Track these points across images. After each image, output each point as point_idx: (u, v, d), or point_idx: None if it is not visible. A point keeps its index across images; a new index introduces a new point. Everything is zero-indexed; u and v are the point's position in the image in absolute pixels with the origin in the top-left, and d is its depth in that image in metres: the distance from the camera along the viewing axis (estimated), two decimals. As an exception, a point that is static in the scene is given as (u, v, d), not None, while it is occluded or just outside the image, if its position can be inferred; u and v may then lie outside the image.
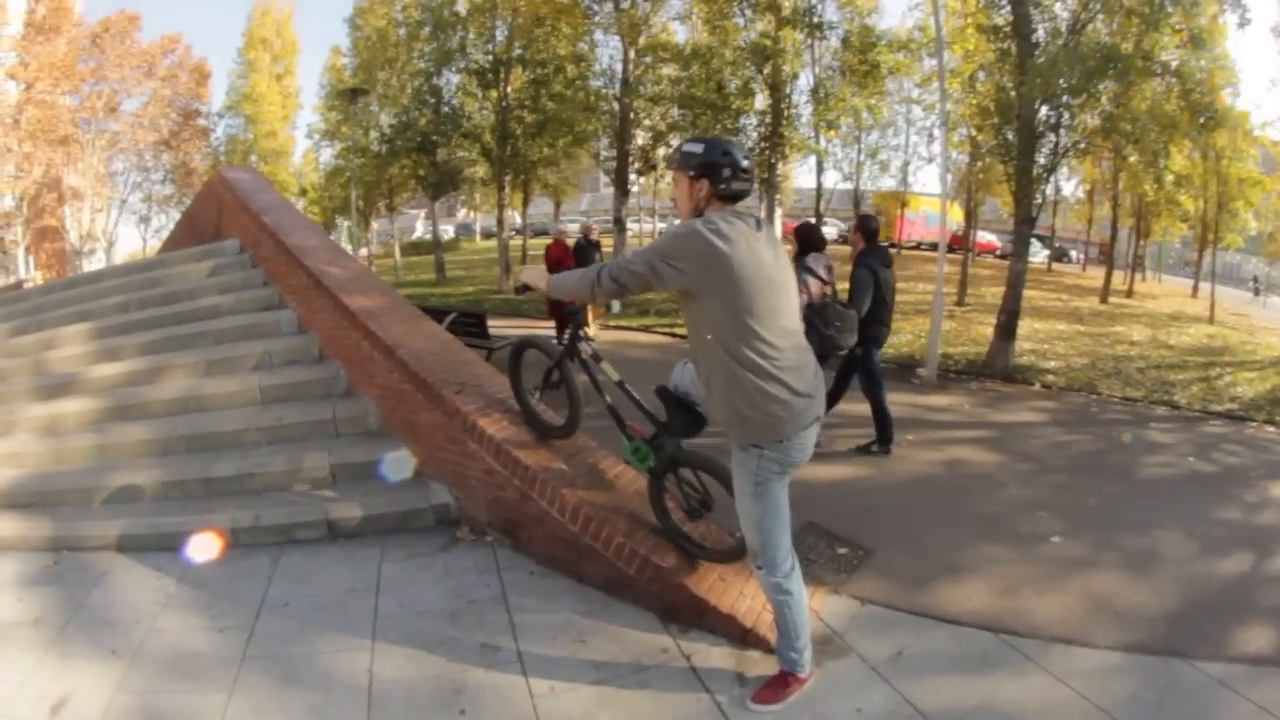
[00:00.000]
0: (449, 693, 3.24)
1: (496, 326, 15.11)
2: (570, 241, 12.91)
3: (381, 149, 27.96)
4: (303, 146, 44.44)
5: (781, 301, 2.85)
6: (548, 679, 3.32)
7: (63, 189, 33.81)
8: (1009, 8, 12.11)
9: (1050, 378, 11.28)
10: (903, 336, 13.61)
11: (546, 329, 12.36)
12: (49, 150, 30.82)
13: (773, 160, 18.58)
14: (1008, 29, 12.35)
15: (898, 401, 7.95)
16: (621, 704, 3.16)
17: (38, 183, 31.33)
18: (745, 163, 2.87)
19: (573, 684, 3.29)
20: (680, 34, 23.46)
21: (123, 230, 38.91)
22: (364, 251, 40.69)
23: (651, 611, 3.83)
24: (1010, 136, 12.29)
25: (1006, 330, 11.78)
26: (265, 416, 5.86)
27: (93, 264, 33.20)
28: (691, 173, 2.86)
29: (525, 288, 3.90)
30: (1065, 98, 11.51)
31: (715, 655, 3.53)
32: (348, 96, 26.48)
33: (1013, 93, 12.25)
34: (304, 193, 40.88)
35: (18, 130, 30.28)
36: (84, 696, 3.24)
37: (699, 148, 2.89)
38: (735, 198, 2.91)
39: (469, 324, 11.11)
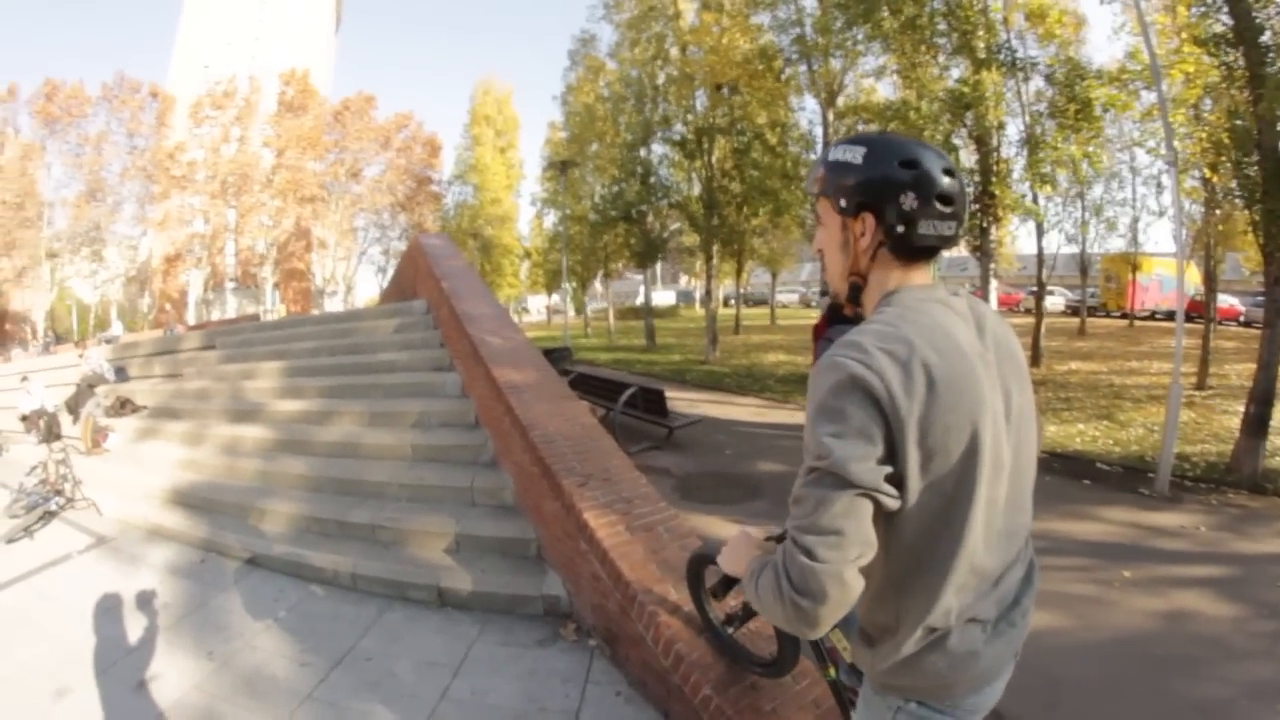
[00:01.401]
0: None
1: (691, 400, 15.12)
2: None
3: (594, 218, 28.85)
4: (527, 213, 47.51)
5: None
6: None
7: (311, 238, 39.60)
8: (1225, 10, 10.02)
9: None
10: (1132, 432, 11.70)
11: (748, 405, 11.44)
12: (297, 206, 36.80)
13: (985, 224, 16.41)
14: (1229, 36, 10.22)
15: (1118, 520, 7.08)
16: None
17: (287, 232, 37.31)
18: (947, 181, 1.47)
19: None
20: (886, 91, 21.49)
21: (362, 277, 43.51)
22: (588, 313, 42.68)
23: None
24: (1251, 172, 9.96)
25: (1257, 424, 9.45)
26: (410, 474, 6.02)
27: (333, 304, 39.18)
28: (843, 202, 1.53)
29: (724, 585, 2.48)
30: None
31: None
32: (558, 168, 27.79)
33: (1248, 116, 10.02)
34: (528, 255, 43.54)
35: (270, 189, 36.49)
36: (166, 681, 3.71)
37: (857, 153, 1.51)
38: (927, 253, 1.54)
39: (648, 400, 11.04)
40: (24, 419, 8.82)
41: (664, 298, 58.87)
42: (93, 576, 5.02)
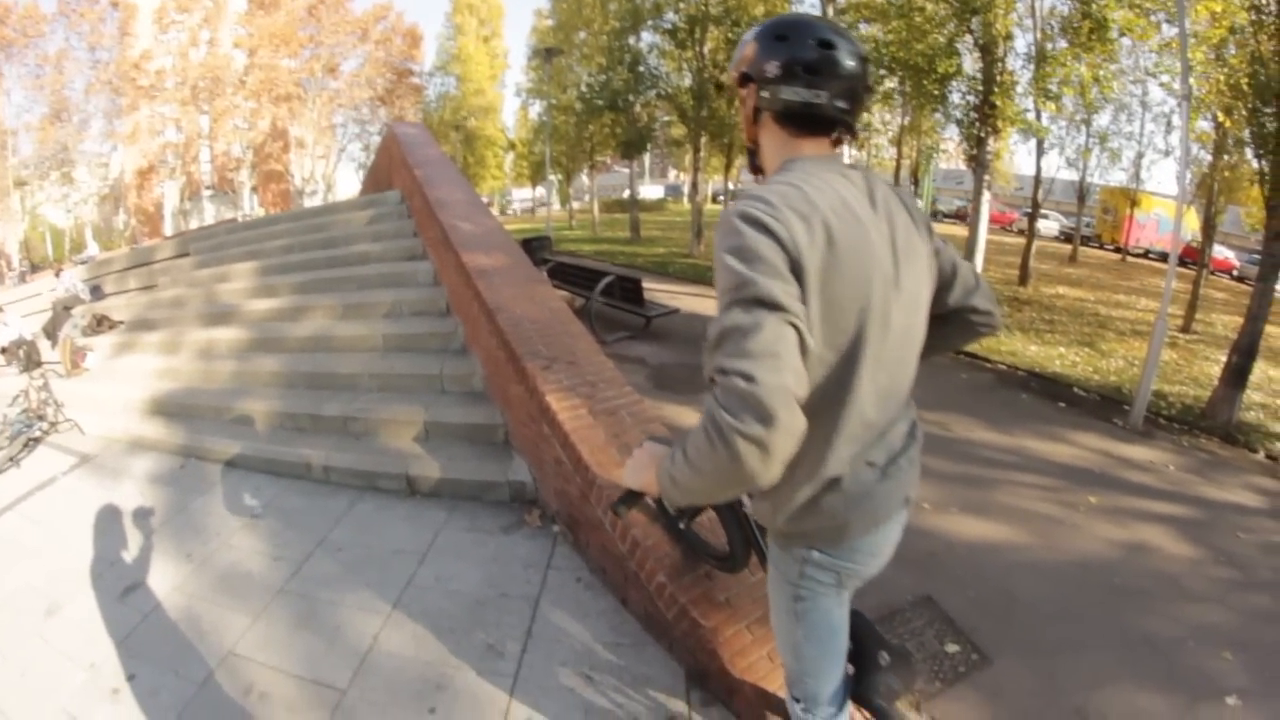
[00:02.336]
0: (431, 686, 3.02)
1: (672, 292, 14.84)
2: None
3: (579, 107, 27.96)
4: (512, 104, 46.27)
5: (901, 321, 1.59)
6: (531, 707, 2.91)
7: (288, 138, 38.16)
8: None
9: (1279, 446, 8.88)
10: (1113, 362, 11.70)
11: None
12: (272, 106, 35.29)
13: (982, 134, 15.74)
14: None
15: (1089, 447, 7.05)
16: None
17: (264, 134, 35.92)
18: (817, 54, 1.51)
19: (552, 724, 2.87)
20: None
21: (342, 175, 42.19)
22: (574, 205, 41.89)
23: (681, 667, 3.14)
24: (1268, 122, 9.61)
25: (1237, 375, 9.48)
26: (381, 364, 5.92)
27: (314, 203, 37.72)
28: (736, 76, 1.65)
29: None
30: None
31: (728, 750, 2.81)
32: (543, 56, 26.87)
33: (1273, 65, 9.59)
34: (512, 147, 42.51)
35: (243, 90, 35.03)
36: (149, 587, 3.74)
37: (750, 34, 1.63)
38: (808, 121, 1.57)
39: (625, 290, 10.85)
40: (3, 351, 8.67)
41: (652, 192, 57.71)
42: (78, 496, 5.01)
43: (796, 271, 1.35)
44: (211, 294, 8.15)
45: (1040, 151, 18.64)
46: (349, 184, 42.59)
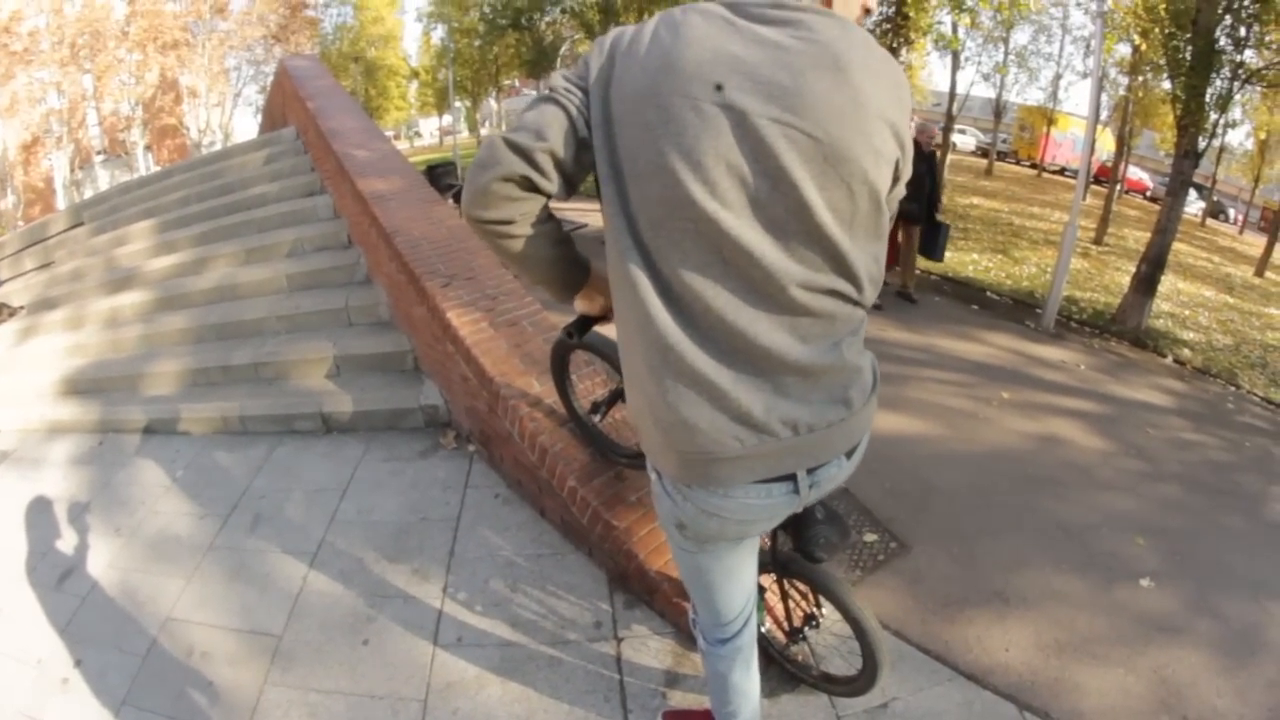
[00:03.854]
0: (362, 619, 3.02)
1: (581, 210, 14.55)
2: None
3: (482, 29, 27.15)
4: (414, 30, 44.36)
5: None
6: (460, 628, 2.93)
7: (179, 89, 35.89)
8: None
9: (1186, 352, 9.16)
10: (1025, 269, 11.96)
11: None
12: (159, 56, 32.93)
13: (894, 45, 15.25)
14: None
15: (1001, 346, 7.13)
16: (521, 677, 2.70)
17: (153, 87, 33.57)
18: None
19: (481, 643, 2.87)
20: None
21: (240, 121, 40.17)
22: (483, 131, 40.63)
23: (602, 571, 3.18)
24: (1182, 47, 9.76)
25: (1146, 283, 9.72)
26: (286, 305, 5.70)
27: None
28: None
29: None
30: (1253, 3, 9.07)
31: (650, 647, 2.82)
32: (444, -25, 25.74)
33: None
34: (415, 75, 40.94)
35: (127, 42, 32.45)
36: (83, 569, 3.66)
37: None
38: None
39: None
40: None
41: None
42: (1, 494, 4.78)
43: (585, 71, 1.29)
44: (111, 260, 7.74)
45: (956, 66, 18.31)
46: (248, 129, 40.67)
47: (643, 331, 1.27)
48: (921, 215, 8.11)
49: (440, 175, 13.81)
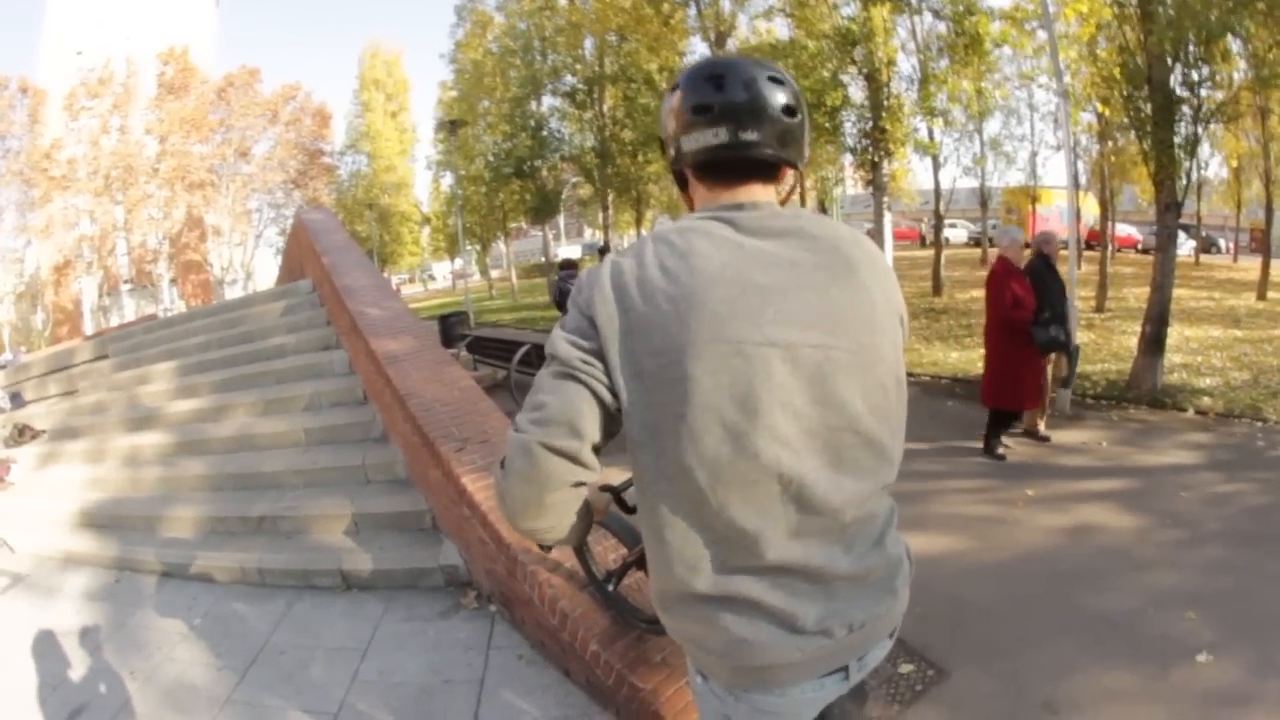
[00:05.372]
0: None
1: None
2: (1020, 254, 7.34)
3: (487, 176, 27.92)
4: (424, 177, 45.72)
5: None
6: None
7: (204, 227, 37.11)
8: None
9: (1205, 400, 8.67)
10: None
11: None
12: (186, 194, 34.23)
13: (875, 159, 15.71)
14: None
15: (1021, 442, 6.91)
16: None
17: (179, 223, 34.76)
18: (703, 92, 1.27)
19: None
20: (783, 33, 18.60)
21: (262, 262, 41.11)
22: (494, 274, 41.43)
23: None
24: (1142, 105, 9.83)
25: (1153, 343, 9.34)
26: (304, 459, 5.81)
27: (234, 293, 36.55)
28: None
29: None
30: (1198, 48, 9.15)
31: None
32: (449, 128, 26.79)
33: (1140, 53, 9.84)
34: (427, 220, 42.00)
35: (156, 178, 33.93)
36: (95, 709, 3.59)
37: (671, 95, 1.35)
38: (721, 167, 1.31)
39: (542, 357, 10.70)
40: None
41: (570, 252, 57.59)
42: (13, 618, 4.75)
43: (597, 323, 1.20)
44: (133, 398, 7.90)
45: (937, 166, 19.07)
46: (268, 271, 41.66)
47: (693, 571, 1.24)
48: (1066, 342, 7.01)
49: (453, 325, 14.02)
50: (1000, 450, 6.57)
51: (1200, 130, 9.95)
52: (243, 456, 6.14)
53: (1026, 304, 6.42)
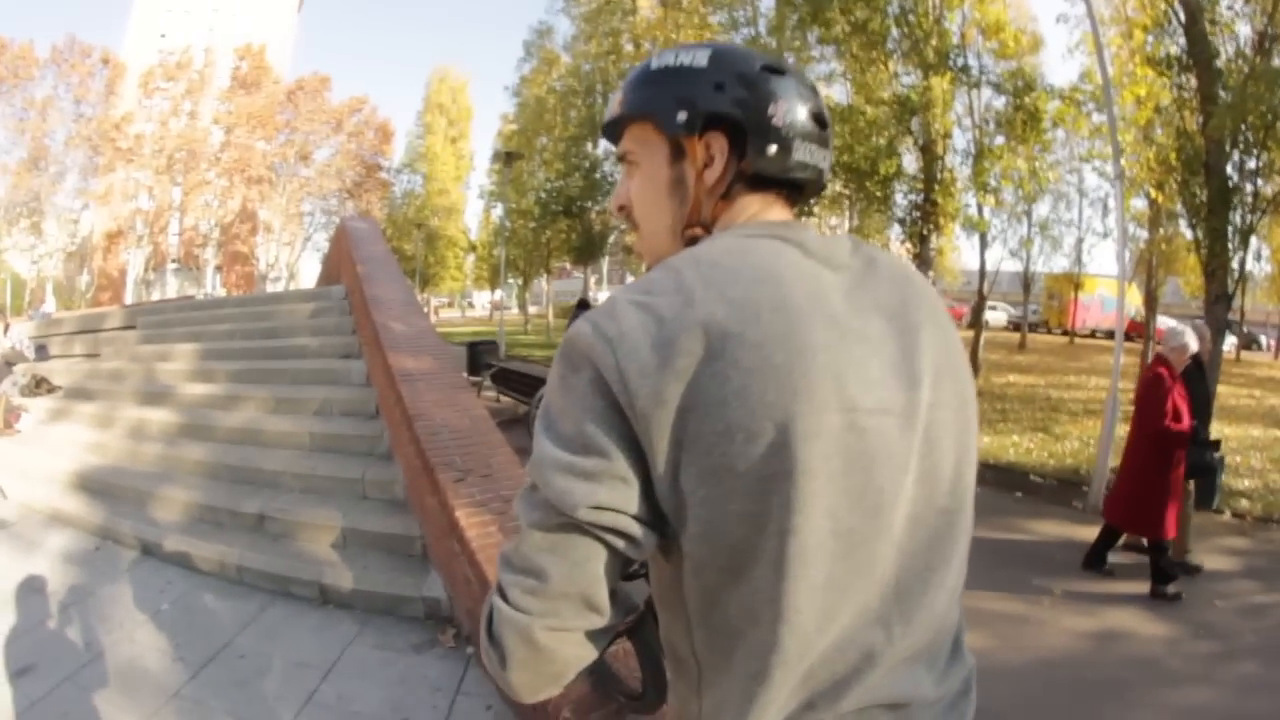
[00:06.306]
0: None
1: None
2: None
3: (536, 212, 27.97)
4: (475, 206, 46.28)
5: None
6: None
7: (256, 221, 37.81)
8: (1182, 34, 9.73)
9: (1244, 503, 8.03)
10: (1068, 445, 10.95)
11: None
12: (244, 187, 34.90)
13: (925, 232, 15.10)
14: (1183, 58, 9.78)
15: (1050, 535, 6.62)
16: None
17: (233, 214, 35.47)
18: (815, 97, 0.97)
19: None
20: (839, 97, 18.08)
21: (306, 264, 41.72)
22: (531, 310, 41.63)
23: None
24: (1198, 191, 9.55)
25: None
26: (305, 463, 5.65)
27: (276, 289, 37.02)
28: (682, 116, 0.93)
29: None
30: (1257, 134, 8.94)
31: None
32: (504, 160, 27.02)
33: (1198, 138, 9.63)
34: (473, 248, 42.39)
35: (217, 167, 34.65)
36: (42, 670, 3.51)
37: (700, 56, 0.94)
38: (791, 189, 1.00)
39: None
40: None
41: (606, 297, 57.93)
42: None
43: (630, 416, 0.77)
44: (151, 372, 7.87)
45: (984, 245, 18.85)
46: (311, 273, 42.42)
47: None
48: (1212, 458, 5.95)
49: (481, 353, 14.00)
50: (1108, 567, 5.87)
51: (1254, 220, 9.68)
52: (245, 450, 6.03)
53: (1184, 417, 5.53)
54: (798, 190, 1.00)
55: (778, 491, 0.76)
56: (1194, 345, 5.59)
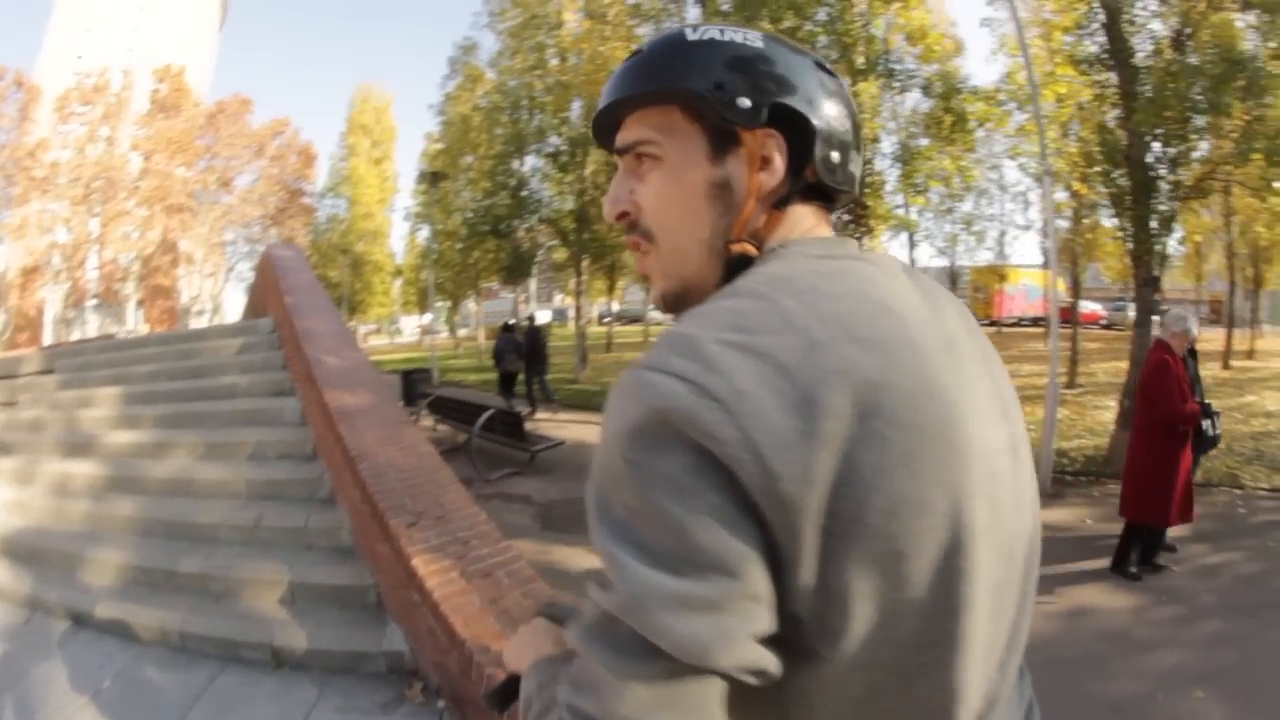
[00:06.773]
0: None
1: (558, 422, 14.18)
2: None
3: (463, 232, 27.40)
4: (401, 229, 45.68)
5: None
6: None
7: (177, 253, 36.50)
8: (1103, 33, 10.10)
9: None
10: None
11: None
12: (164, 217, 33.77)
13: (858, 235, 15.04)
14: (1104, 56, 10.15)
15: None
16: None
17: (153, 245, 34.21)
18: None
19: None
20: None
21: (231, 296, 40.43)
22: (461, 332, 40.92)
23: None
24: (1122, 182, 9.78)
25: (1131, 416, 8.44)
26: (243, 514, 5.28)
27: (201, 324, 35.65)
28: (745, 102, 0.76)
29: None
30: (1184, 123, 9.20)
31: None
32: (429, 180, 26.47)
33: (1118, 131, 9.96)
34: (399, 273, 41.58)
35: (136, 196, 33.46)
36: None
37: (753, 36, 0.78)
38: (830, 198, 0.85)
39: (507, 424, 10.16)
40: None
41: (540, 317, 57.68)
42: None
43: (763, 506, 0.57)
44: (72, 420, 7.36)
45: (912, 244, 19.19)
46: (237, 305, 41.07)
47: None
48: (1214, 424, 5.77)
49: (416, 382, 13.74)
50: (1134, 570, 5.71)
51: (1175, 206, 9.99)
52: (177, 502, 5.63)
53: (1189, 399, 5.48)
54: (833, 205, 0.88)
55: (953, 568, 0.62)
56: (1195, 330, 5.66)
